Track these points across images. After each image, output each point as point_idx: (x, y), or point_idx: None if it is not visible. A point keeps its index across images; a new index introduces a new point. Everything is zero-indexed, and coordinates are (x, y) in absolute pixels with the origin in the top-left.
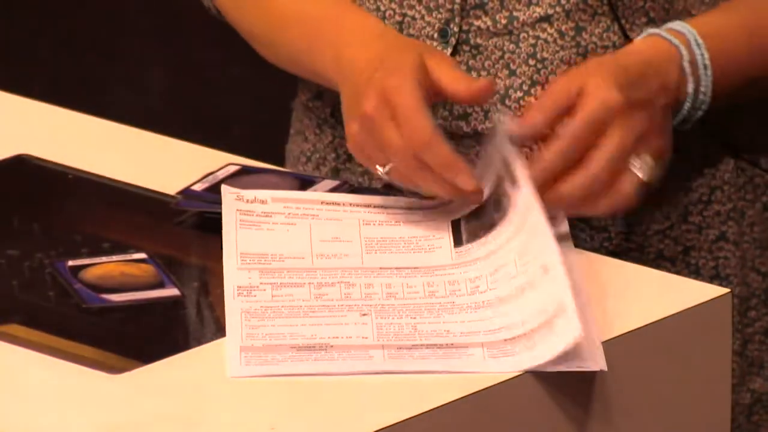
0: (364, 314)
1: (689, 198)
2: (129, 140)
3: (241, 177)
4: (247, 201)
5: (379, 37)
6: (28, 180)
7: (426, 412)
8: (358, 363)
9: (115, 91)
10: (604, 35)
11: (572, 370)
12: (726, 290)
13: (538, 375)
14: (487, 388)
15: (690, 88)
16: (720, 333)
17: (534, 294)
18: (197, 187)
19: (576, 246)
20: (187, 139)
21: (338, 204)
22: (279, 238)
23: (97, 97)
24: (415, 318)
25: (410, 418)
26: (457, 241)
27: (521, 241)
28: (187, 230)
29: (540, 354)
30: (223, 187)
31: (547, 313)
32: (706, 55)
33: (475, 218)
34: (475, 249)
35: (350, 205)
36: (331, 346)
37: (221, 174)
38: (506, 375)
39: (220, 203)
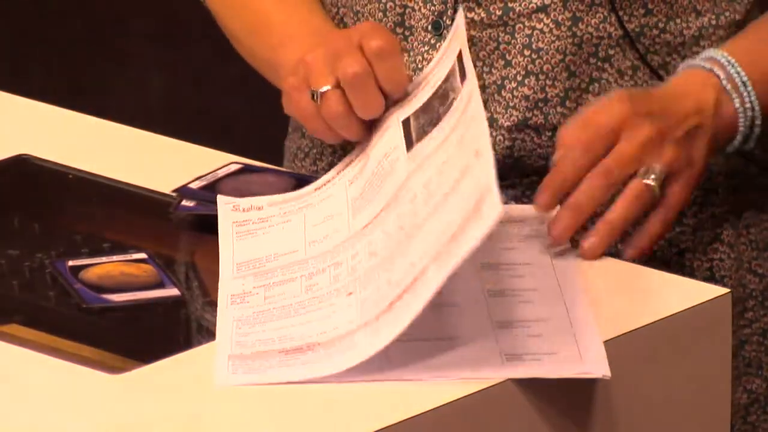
0: (350, 293)
1: None
2: (129, 140)
3: (239, 176)
4: (243, 210)
5: (312, 33)
6: (28, 180)
7: (422, 413)
8: (342, 358)
9: (115, 91)
10: (601, 26)
11: (577, 376)
12: (726, 290)
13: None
14: (485, 388)
15: (737, 103)
16: (720, 333)
17: (466, 181)
18: (195, 185)
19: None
20: (187, 139)
21: (329, 181)
22: (275, 237)
23: (97, 97)
24: (389, 271)
25: (406, 420)
26: (408, 143)
27: (461, 131)
28: (188, 230)
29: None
30: (219, 198)
31: (474, 197)
32: (742, 72)
33: (423, 114)
34: (425, 146)
35: (338, 173)
36: (319, 344)
37: (221, 172)
38: (505, 375)
39: (215, 203)
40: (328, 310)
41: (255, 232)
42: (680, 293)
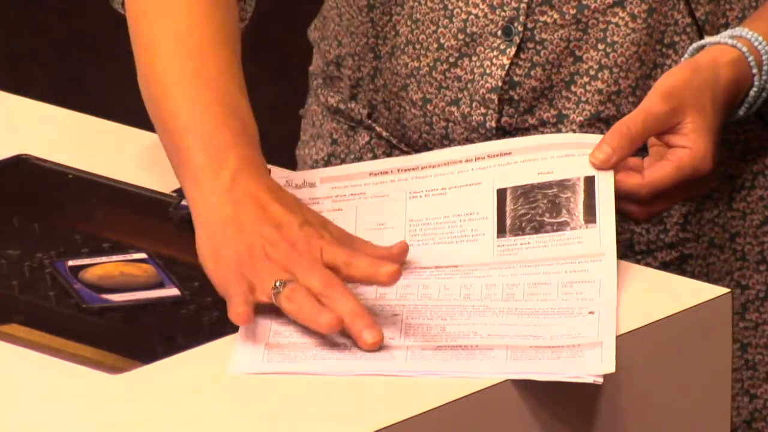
0: (396, 314)
1: (732, 184)
2: (129, 140)
3: None
4: (296, 186)
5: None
6: (28, 180)
7: (428, 411)
8: (379, 363)
9: (115, 91)
10: (669, 14)
11: (595, 381)
12: (726, 290)
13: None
14: (489, 387)
15: (743, 110)
16: (720, 333)
17: (570, 321)
18: None
19: (631, 240)
20: None
21: (386, 173)
22: None
23: (97, 97)
24: (445, 320)
25: (410, 418)
26: (501, 229)
27: (571, 276)
28: (188, 230)
29: (564, 368)
30: (273, 171)
31: (578, 339)
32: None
33: (524, 201)
34: (518, 248)
35: (399, 171)
36: (355, 346)
37: None
38: (509, 374)
39: None
40: None
41: None
42: (680, 293)
